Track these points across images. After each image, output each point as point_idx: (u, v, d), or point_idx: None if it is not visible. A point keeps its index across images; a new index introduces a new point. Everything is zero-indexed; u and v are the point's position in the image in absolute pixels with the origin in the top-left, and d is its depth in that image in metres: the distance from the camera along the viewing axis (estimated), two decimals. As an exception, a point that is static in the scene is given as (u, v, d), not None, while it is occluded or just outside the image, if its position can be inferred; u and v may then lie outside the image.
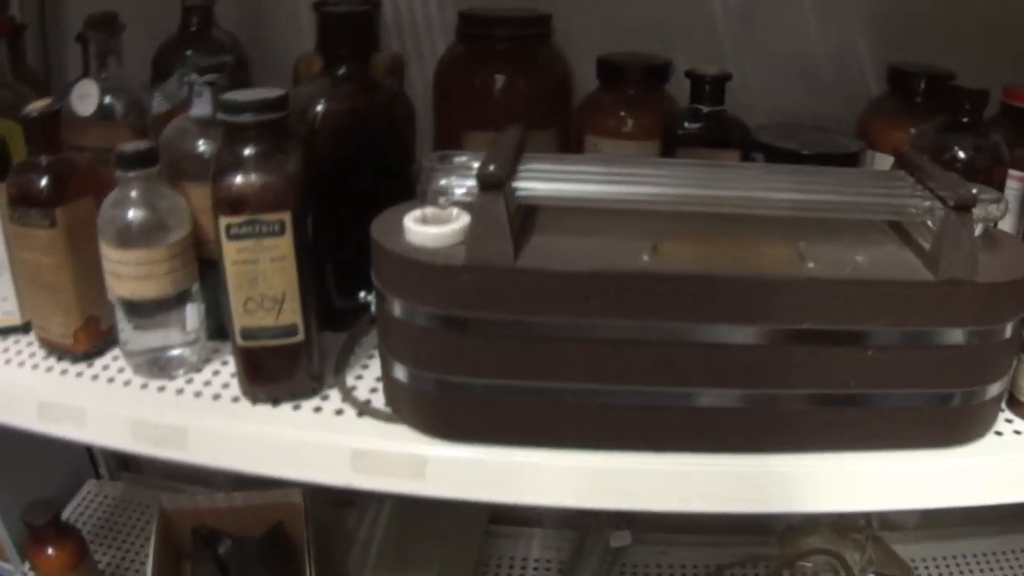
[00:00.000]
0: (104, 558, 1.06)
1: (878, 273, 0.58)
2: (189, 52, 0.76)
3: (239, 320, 0.62)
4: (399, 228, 0.59)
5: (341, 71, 0.69)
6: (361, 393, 0.65)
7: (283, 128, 0.62)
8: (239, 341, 0.63)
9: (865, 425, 0.60)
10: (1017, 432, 0.65)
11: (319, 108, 0.68)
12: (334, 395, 0.65)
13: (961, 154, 0.71)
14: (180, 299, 0.66)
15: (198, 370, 0.67)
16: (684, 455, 0.60)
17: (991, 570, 1.09)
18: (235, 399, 0.64)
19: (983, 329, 0.58)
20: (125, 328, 0.66)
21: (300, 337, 0.63)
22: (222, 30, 0.80)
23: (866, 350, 0.58)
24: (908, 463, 0.60)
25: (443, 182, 0.60)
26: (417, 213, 0.60)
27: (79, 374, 0.67)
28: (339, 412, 0.63)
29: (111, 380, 0.66)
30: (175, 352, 0.67)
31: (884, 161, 0.79)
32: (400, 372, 0.61)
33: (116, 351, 0.69)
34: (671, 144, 0.74)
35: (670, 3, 0.89)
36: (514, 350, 0.58)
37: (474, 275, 0.56)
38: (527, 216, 0.62)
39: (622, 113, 0.79)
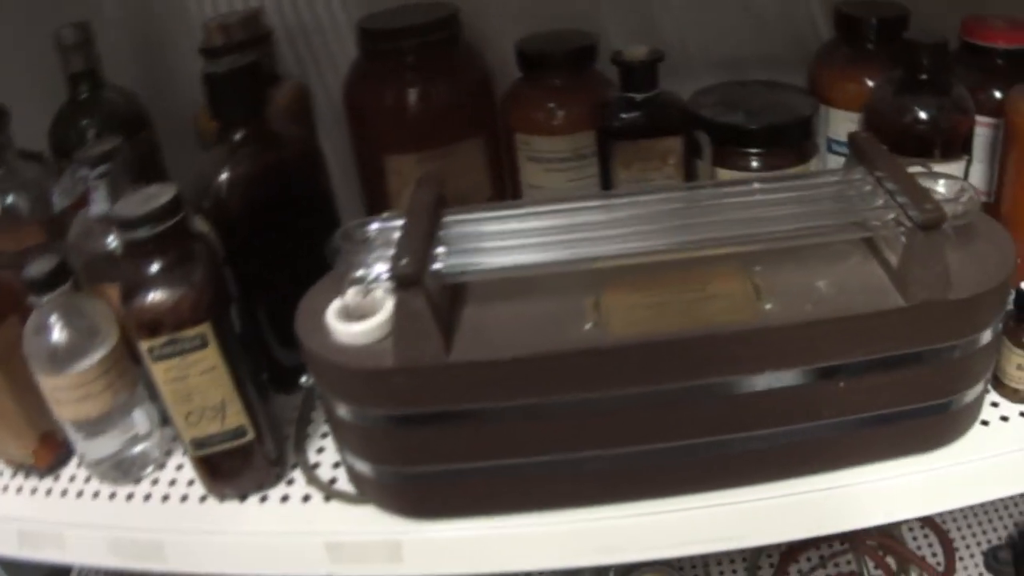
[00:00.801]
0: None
1: (843, 305, 0.51)
2: (84, 122, 0.68)
3: (185, 433, 0.57)
4: (323, 324, 0.54)
5: (238, 134, 0.61)
6: (325, 470, 0.61)
7: (183, 230, 0.55)
8: (191, 451, 0.59)
9: (842, 446, 0.55)
10: (1004, 418, 0.59)
11: (222, 177, 0.61)
12: (299, 477, 0.61)
13: (923, 115, 0.63)
14: (125, 407, 0.61)
15: (162, 465, 0.63)
16: (662, 501, 0.55)
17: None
18: (202, 498, 0.60)
19: (962, 342, 0.52)
20: (79, 442, 0.61)
21: (250, 436, 0.58)
22: (116, 89, 0.71)
23: (836, 383, 0.52)
24: (887, 474, 0.55)
25: (360, 272, 0.54)
26: (338, 305, 0.54)
27: (48, 491, 0.63)
28: (306, 498, 0.59)
29: (80, 494, 0.62)
30: (136, 450, 0.63)
31: (839, 119, 0.70)
32: (356, 463, 0.57)
33: (80, 458, 0.66)
34: (606, 138, 0.66)
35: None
36: (464, 437, 0.53)
37: (407, 376, 0.51)
38: (457, 288, 0.55)
39: (550, 105, 0.69)
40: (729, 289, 0.53)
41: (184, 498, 0.61)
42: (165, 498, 0.61)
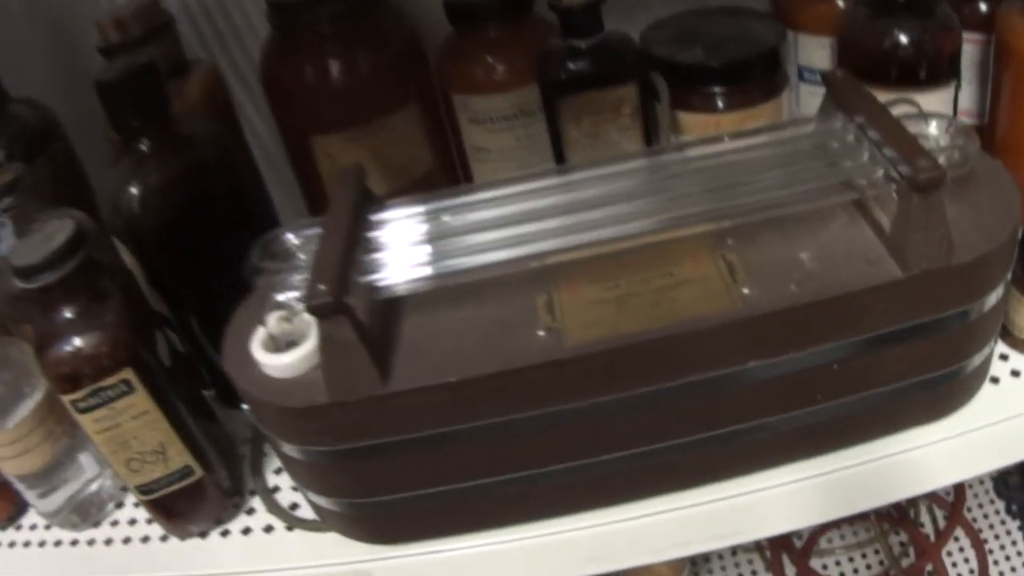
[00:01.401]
0: None
1: (832, 281, 0.42)
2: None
3: (128, 480, 0.50)
4: (250, 355, 0.46)
5: (143, 143, 0.53)
6: (286, 494, 0.54)
7: (89, 268, 0.47)
8: (138, 497, 0.52)
9: (840, 428, 0.47)
10: (1015, 373, 0.51)
11: (132, 192, 0.52)
12: (259, 506, 0.54)
13: (904, 39, 0.53)
14: (70, 453, 0.54)
15: (120, 503, 0.57)
16: (648, 502, 0.48)
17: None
18: (163, 538, 0.54)
19: (967, 308, 0.44)
20: (29, 495, 0.55)
21: (198, 474, 0.51)
22: (23, 103, 0.61)
23: (830, 366, 0.44)
24: (889, 450, 0.48)
25: (280, 297, 0.46)
26: (262, 334, 0.46)
27: (12, 544, 0.56)
28: (269, 529, 0.53)
29: (43, 543, 0.56)
30: (90, 491, 0.56)
31: (810, 46, 0.60)
32: (310, 495, 0.51)
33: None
34: (550, 93, 0.56)
35: None
36: (418, 464, 0.45)
37: (343, 411, 0.43)
38: (390, 302, 0.47)
39: (487, 60, 0.59)
40: (701, 272, 0.45)
41: (145, 539, 0.54)
42: (126, 540, 0.54)
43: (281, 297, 0.45)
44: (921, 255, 0.42)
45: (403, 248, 0.46)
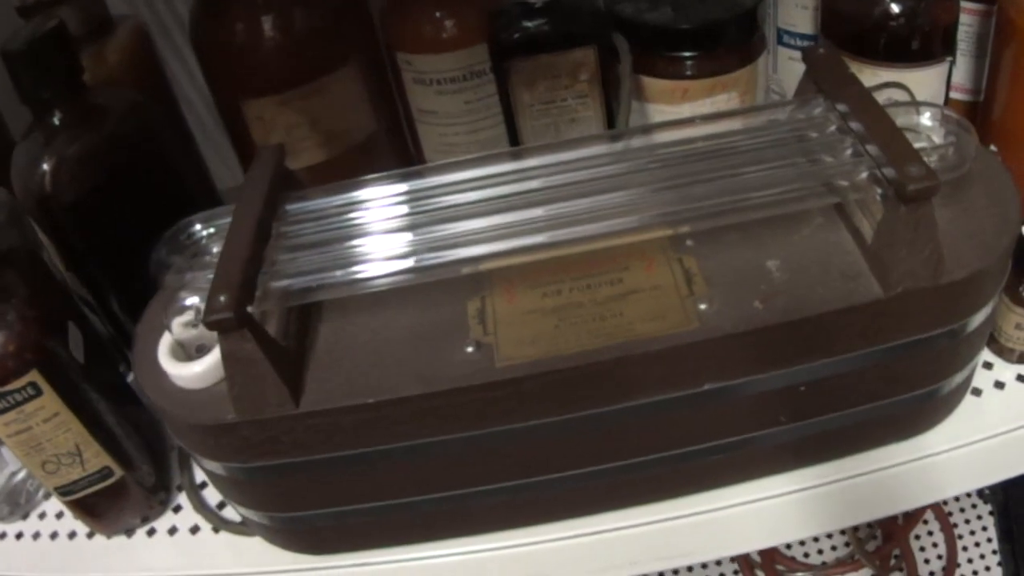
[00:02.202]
0: None
1: (801, 299, 0.35)
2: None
3: (47, 482, 0.44)
4: (157, 363, 0.39)
5: (54, 116, 0.45)
6: (213, 491, 0.48)
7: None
8: (60, 498, 0.46)
9: (803, 447, 0.41)
10: (999, 384, 0.44)
11: (43, 169, 0.45)
12: (186, 503, 0.48)
13: (896, 8, 0.44)
14: (-13, 445, 0.50)
15: (49, 494, 0.50)
16: (585, 520, 0.42)
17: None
18: (90, 534, 0.48)
19: (951, 328, 0.37)
20: None
21: (118, 475, 0.45)
22: None
23: (796, 388, 0.37)
24: (862, 466, 0.42)
25: (187, 300, 0.40)
26: (168, 341, 0.39)
27: None
28: (195, 530, 0.47)
29: None
30: (17, 479, 0.50)
31: (790, 6, 0.51)
32: (235, 506, 0.45)
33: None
34: (500, 54, 0.47)
35: None
36: (337, 482, 0.39)
37: (253, 429, 0.37)
38: (307, 306, 0.40)
39: (436, 15, 0.50)
40: (654, 279, 0.37)
41: (72, 535, 0.49)
42: (54, 536, 0.49)
43: (188, 300, 0.39)
44: (905, 272, 0.34)
45: (323, 246, 0.38)
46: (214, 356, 0.38)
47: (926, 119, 0.39)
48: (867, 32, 0.46)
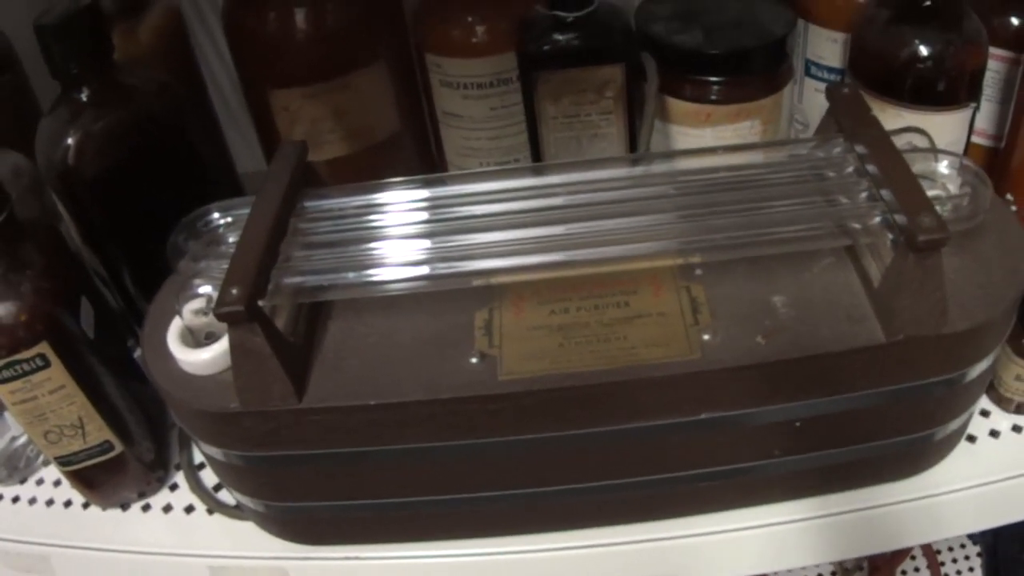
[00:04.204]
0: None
1: (803, 338, 0.36)
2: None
3: (48, 452, 0.46)
4: (166, 347, 0.40)
5: (83, 92, 0.45)
6: (210, 472, 0.49)
7: (11, 231, 0.42)
8: (59, 468, 0.48)
9: (795, 481, 0.42)
10: (994, 433, 0.45)
11: (68, 143, 0.46)
12: (183, 482, 0.50)
13: (924, 51, 0.44)
14: (-8, 412, 0.51)
15: (48, 461, 0.52)
16: (569, 534, 0.43)
17: None
18: (86, 504, 0.49)
19: (951, 376, 0.38)
20: None
21: (118, 449, 0.46)
22: None
23: (792, 423, 0.38)
24: (850, 505, 0.42)
25: (200, 288, 0.41)
26: (178, 326, 0.40)
27: None
28: (190, 509, 0.48)
29: None
30: (18, 444, 0.52)
31: (820, 39, 0.52)
32: (231, 491, 0.46)
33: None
34: (529, 66, 0.48)
35: None
36: (334, 477, 0.40)
37: (256, 420, 0.38)
38: (318, 303, 0.41)
39: (468, 19, 0.51)
40: (661, 305, 0.38)
41: (68, 503, 0.50)
42: (49, 503, 0.50)
43: (200, 288, 0.40)
44: (909, 319, 0.35)
45: (338, 246, 0.39)
46: (222, 345, 0.39)
47: (943, 167, 0.40)
48: (894, 72, 0.46)
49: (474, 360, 0.37)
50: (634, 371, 0.36)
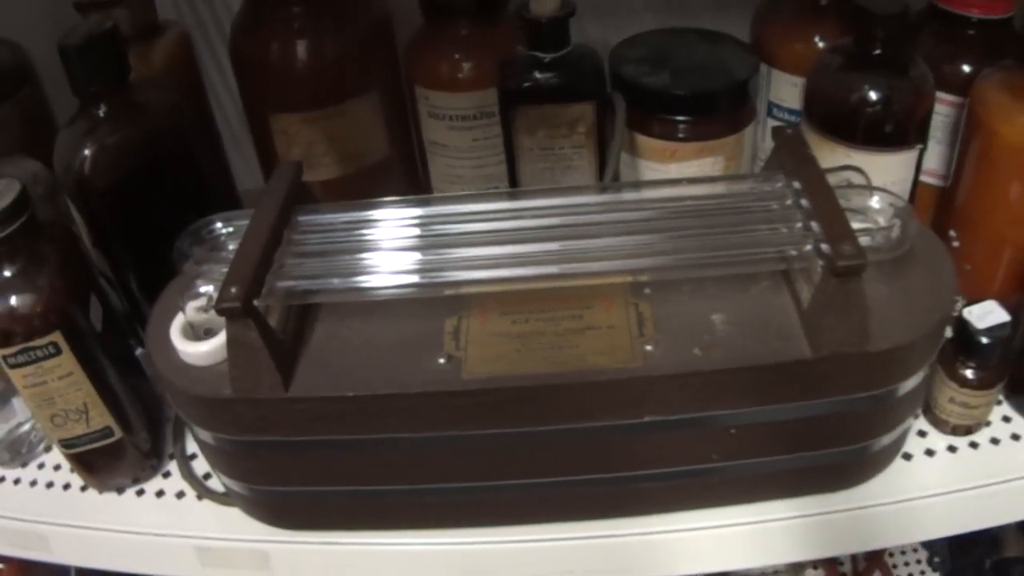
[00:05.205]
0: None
1: (736, 352, 0.43)
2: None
3: (51, 434, 0.53)
4: (168, 339, 0.48)
5: (100, 108, 0.53)
6: (201, 462, 0.56)
7: (30, 231, 0.49)
8: (61, 450, 0.55)
9: (734, 487, 0.48)
10: (929, 452, 0.52)
11: (84, 154, 0.53)
12: (176, 470, 0.57)
13: (873, 96, 0.52)
14: (3, 397, 0.57)
15: (49, 447, 0.59)
16: (522, 528, 0.50)
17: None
18: (84, 488, 0.56)
19: (878, 393, 0.44)
20: None
21: (117, 435, 0.53)
22: (3, 42, 0.62)
23: (727, 430, 0.45)
24: (788, 513, 0.49)
25: (201, 288, 0.48)
26: (180, 321, 0.48)
27: None
28: (180, 495, 0.55)
29: None
30: (22, 431, 0.59)
31: (782, 83, 0.59)
32: (220, 476, 0.53)
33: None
34: (508, 101, 0.55)
35: None
36: (315, 463, 0.47)
37: (246, 407, 0.45)
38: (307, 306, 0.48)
39: (455, 57, 0.59)
40: (610, 319, 0.45)
41: (67, 486, 0.57)
42: (49, 485, 0.57)
43: (202, 288, 0.47)
44: (832, 338, 0.42)
45: (325, 256, 0.46)
46: (219, 339, 0.46)
47: (874, 202, 0.47)
48: (845, 115, 0.53)
49: (442, 361, 0.44)
50: (581, 375, 0.43)
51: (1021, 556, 0.76)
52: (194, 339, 0.47)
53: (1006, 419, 0.54)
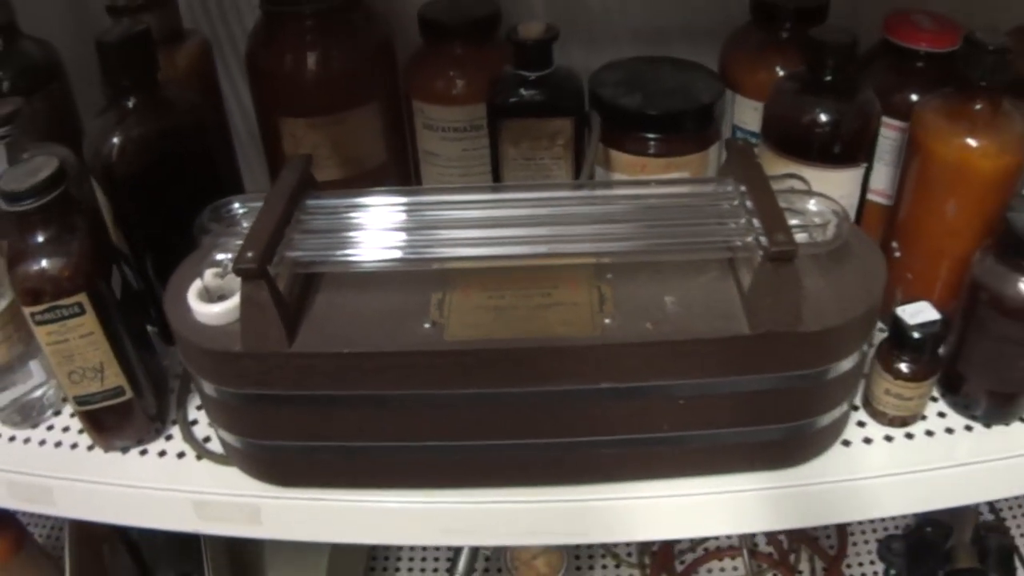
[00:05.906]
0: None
1: (682, 327, 0.51)
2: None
3: (68, 390, 0.61)
4: (185, 302, 0.56)
5: (129, 101, 0.62)
6: (202, 427, 0.65)
7: (65, 203, 0.57)
8: (74, 407, 0.63)
9: (685, 458, 0.57)
10: (867, 440, 0.60)
11: (112, 142, 0.62)
12: (177, 434, 0.65)
13: (823, 118, 0.61)
14: (23, 358, 0.65)
15: (58, 411, 0.67)
16: (505, 491, 0.58)
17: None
18: (90, 447, 0.64)
19: (813, 372, 0.53)
20: None
21: (128, 395, 0.61)
22: (33, 40, 0.71)
23: (676, 400, 0.53)
24: (733, 487, 0.57)
25: (219, 256, 0.56)
26: (198, 285, 0.56)
27: None
28: (181, 455, 0.63)
29: None
30: (35, 395, 0.67)
31: (745, 107, 0.69)
32: (219, 430, 0.60)
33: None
34: (495, 114, 0.65)
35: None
36: (311, 418, 0.55)
37: (253, 361, 0.53)
38: (310, 276, 0.56)
39: (450, 74, 0.69)
40: (575, 297, 0.54)
41: (74, 446, 0.65)
42: (57, 445, 0.65)
43: (219, 256, 0.55)
44: (768, 318, 0.51)
45: (329, 233, 0.55)
46: (232, 303, 0.54)
47: (812, 204, 0.56)
48: (798, 135, 0.62)
49: (427, 325, 0.53)
50: (547, 341, 0.51)
51: (972, 568, 0.84)
52: (208, 302, 0.55)
53: (941, 415, 0.62)
